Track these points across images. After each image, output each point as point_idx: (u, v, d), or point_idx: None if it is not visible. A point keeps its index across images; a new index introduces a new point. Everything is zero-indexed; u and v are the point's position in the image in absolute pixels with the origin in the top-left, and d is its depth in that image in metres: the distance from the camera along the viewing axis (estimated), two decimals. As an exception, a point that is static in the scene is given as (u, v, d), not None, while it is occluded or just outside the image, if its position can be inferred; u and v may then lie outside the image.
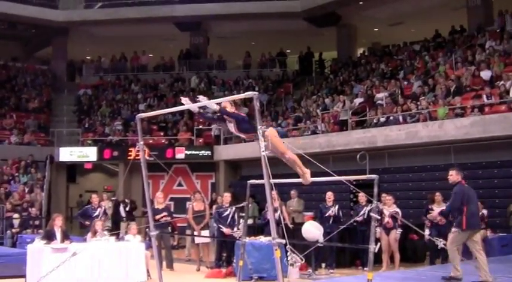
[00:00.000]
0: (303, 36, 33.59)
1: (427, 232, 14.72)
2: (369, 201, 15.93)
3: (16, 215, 23.14)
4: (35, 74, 35.83)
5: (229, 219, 15.71)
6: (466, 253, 11.72)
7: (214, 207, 17.96)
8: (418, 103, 21.38)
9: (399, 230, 15.38)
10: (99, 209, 16.51)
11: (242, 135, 9.08)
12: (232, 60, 36.43)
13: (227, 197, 16.54)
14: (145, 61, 36.67)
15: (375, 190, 10.02)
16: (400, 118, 21.46)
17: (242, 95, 9.00)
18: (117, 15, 33.54)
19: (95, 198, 16.99)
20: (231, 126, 9.06)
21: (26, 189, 25.76)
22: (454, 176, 11.42)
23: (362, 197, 16.10)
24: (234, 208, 16.02)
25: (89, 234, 14.76)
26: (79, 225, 24.94)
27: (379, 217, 12.30)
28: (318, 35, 33.64)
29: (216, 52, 35.76)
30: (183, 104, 9.39)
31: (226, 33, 35.18)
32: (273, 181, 8.57)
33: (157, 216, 16.00)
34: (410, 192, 20.26)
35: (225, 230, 15.50)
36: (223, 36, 35.47)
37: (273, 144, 9.00)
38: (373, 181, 10.03)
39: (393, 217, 15.27)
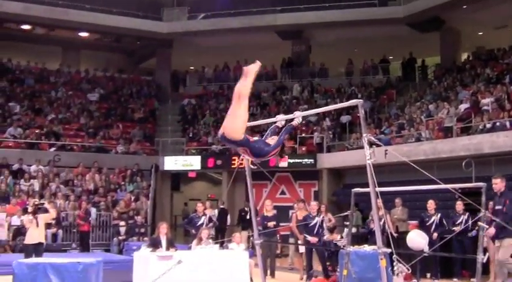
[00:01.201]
0: (405, 41, 33.11)
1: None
2: (467, 210, 15.63)
3: (122, 223, 23.73)
4: (140, 85, 36.65)
5: (316, 229, 15.61)
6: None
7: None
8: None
9: (508, 240, 14.96)
10: (203, 217, 16.74)
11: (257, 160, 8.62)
12: (334, 67, 36.26)
13: (314, 206, 16.43)
14: (248, 70, 36.89)
15: (483, 198, 9.82)
16: (507, 124, 20.94)
17: (347, 103, 8.97)
18: (220, 26, 33.94)
19: (199, 207, 17.26)
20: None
21: (132, 198, 26.37)
22: (499, 184, 11.08)
23: (460, 205, 15.75)
24: (322, 216, 15.96)
25: (194, 242, 14.96)
26: (183, 233, 25.41)
27: (487, 226, 12.02)
28: (420, 41, 33.09)
29: (318, 60, 35.70)
30: (285, 113, 9.33)
31: (327, 41, 35.06)
32: (378, 189, 8.49)
33: (269, 224, 16.11)
34: (520, 200, 19.69)
35: (311, 239, 15.43)
36: (324, 43, 35.36)
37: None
38: (480, 189, 9.82)
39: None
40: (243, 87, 8.05)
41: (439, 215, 15.73)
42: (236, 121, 7.86)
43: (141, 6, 35.49)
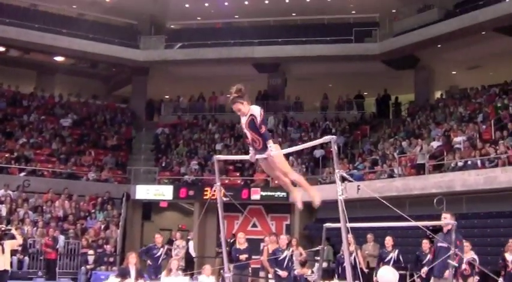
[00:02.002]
0: (380, 78, 33.41)
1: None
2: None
3: (91, 252, 23.45)
4: (114, 112, 36.48)
5: (285, 262, 15.49)
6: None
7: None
8: (497, 147, 20.96)
9: (476, 278, 14.98)
10: (161, 249, 16.52)
11: (248, 133, 8.73)
12: (309, 101, 36.38)
13: (284, 239, 16.29)
14: (223, 101, 36.88)
15: (453, 236, 9.83)
16: (479, 162, 21.10)
17: (320, 140, 8.92)
18: (197, 56, 33.96)
19: (158, 238, 16.98)
20: (243, 119, 8.69)
21: (102, 226, 26.11)
22: (448, 220, 11.09)
23: (426, 244, 15.72)
24: (291, 250, 15.86)
25: (164, 273, 14.81)
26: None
27: (456, 264, 12.00)
28: (395, 78, 33.41)
29: (293, 93, 35.83)
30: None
31: (304, 75, 35.24)
32: (349, 225, 8.45)
33: (241, 257, 15.98)
34: (488, 238, 19.80)
35: (281, 273, 15.32)
36: (301, 77, 35.54)
37: (278, 163, 8.64)
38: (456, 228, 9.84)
39: (470, 264, 14.88)
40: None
41: (396, 251, 15.78)
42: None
43: (118, 33, 35.57)
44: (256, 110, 8.44)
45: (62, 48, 33.14)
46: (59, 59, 36.13)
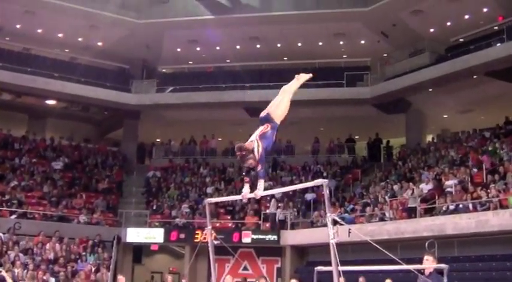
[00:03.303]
0: (371, 122, 33.57)
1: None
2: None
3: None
4: (105, 155, 36.49)
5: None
6: None
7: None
8: (489, 191, 21.01)
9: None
10: None
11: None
12: (300, 145, 36.44)
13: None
14: (214, 145, 37.03)
15: (445, 280, 9.79)
16: (470, 206, 21.14)
17: (312, 183, 9.01)
18: (188, 100, 34.08)
19: (120, 279, 16.88)
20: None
21: (93, 269, 25.94)
22: (430, 262, 11.05)
23: None
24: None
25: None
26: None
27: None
28: (386, 121, 33.56)
29: (284, 137, 35.87)
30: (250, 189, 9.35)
31: (295, 119, 35.08)
32: (341, 268, 8.46)
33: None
34: (480, 282, 19.75)
35: None
36: (292, 121, 35.41)
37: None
38: (443, 270, 9.81)
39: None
40: (290, 86, 10.26)
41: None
42: (281, 108, 9.86)
43: (110, 77, 35.76)
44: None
45: (54, 92, 33.28)
46: (51, 102, 36.17)
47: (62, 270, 25.30)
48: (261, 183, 8.71)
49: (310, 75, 10.09)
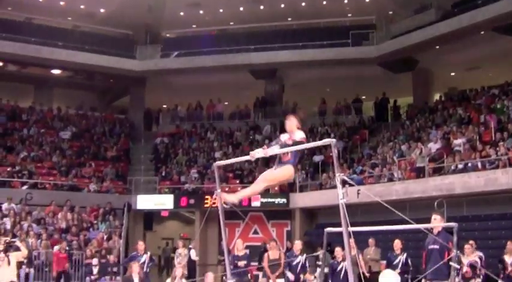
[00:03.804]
0: (378, 82, 33.32)
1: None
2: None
3: (95, 262, 23.41)
4: (113, 123, 36.52)
5: (299, 267, 15.56)
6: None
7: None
8: (497, 149, 20.92)
9: (478, 280, 14.94)
10: (144, 256, 16.60)
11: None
12: (307, 107, 36.33)
13: (298, 244, 16.40)
14: (221, 109, 36.96)
15: (454, 238, 9.79)
16: (479, 164, 21.03)
17: (319, 142, 8.97)
18: (193, 64, 33.95)
19: (140, 245, 17.11)
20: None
21: (105, 237, 26.10)
22: (438, 221, 11.05)
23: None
24: (304, 256, 15.89)
25: (168, 281, 14.85)
26: (157, 271, 25.11)
27: (458, 266, 11.97)
28: (393, 81, 33.33)
29: (291, 99, 35.77)
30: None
31: (301, 81, 35.20)
32: (351, 229, 8.45)
33: (240, 263, 16.01)
34: (490, 241, 19.73)
35: (290, 275, 15.34)
36: (298, 83, 35.48)
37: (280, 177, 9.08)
38: (452, 229, 9.80)
39: (472, 266, 14.85)
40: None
41: (405, 254, 15.71)
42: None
43: (114, 44, 35.56)
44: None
45: (58, 61, 33.18)
46: (56, 72, 36.09)
47: (74, 239, 25.53)
48: (275, 147, 8.71)
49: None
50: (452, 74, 33.72)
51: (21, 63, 34.13)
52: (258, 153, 8.78)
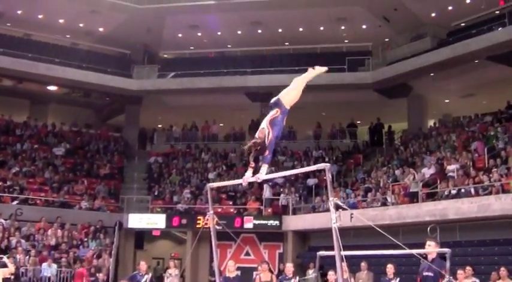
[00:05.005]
0: (373, 107, 33.48)
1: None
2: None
3: (84, 280, 23.29)
4: (107, 140, 36.46)
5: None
6: None
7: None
8: (491, 175, 20.98)
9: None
10: (146, 276, 16.59)
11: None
12: (302, 130, 36.41)
13: (289, 267, 16.35)
14: (216, 130, 37.00)
15: (447, 264, 9.80)
16: (472, 190, 21.09)
17: (314, 167, 8.97)
18: (190, 85, 34.02)
19: (142, 265, 17.11)
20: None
21: (95, 255, 25.99)
22: (433, 248, 11.07)
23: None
24: (297, 278, 15.83)
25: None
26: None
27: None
28: (388, 106, 33.48)
29: (286, 122, 35.55)
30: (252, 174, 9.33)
31: (296, 104, 34.87)
32: (343, 253, 8.44)
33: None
34: (482, 266, 19.66)
35: None
36: (293, 106, 35.36)
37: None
38: (445, 254, 9.80)
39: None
40: (303, 77, 10.44)
41: (398, 279, 15.64)
42: (292, 94, 10.32)
43: (112, 63, 35.67)
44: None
45: (55, 78, 33.18)
46: (52, 88, 36.15)
47: (63, 256, 25.41)
48: (264, 168, 8.75)
49: (326, 68, 10.46)
50: (447, 100, 33.88)
51: (17, 78, 34.15)
52: (251, 178, 8.84)
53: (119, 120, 39.50)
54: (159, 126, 39.28)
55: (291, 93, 10.16)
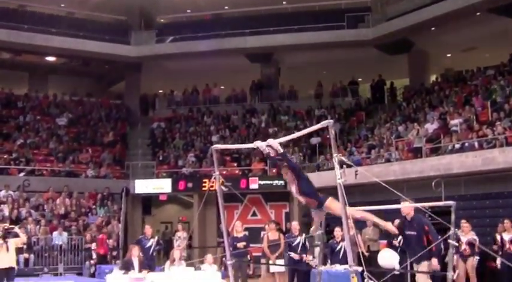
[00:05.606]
0: (374, 64, 33.25)
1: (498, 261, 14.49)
2: (438, 231, 15.58)
3: (94, 246, 23.51)
4: (109, 108, 36.46)
5: (299, 248, 15.66)
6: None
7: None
8: (494, 129, 20.97)
9: (476, 258, 15.08)
10: (151, 240, 16.72)
11: (301, 199, 8.89)
12: (303, 90, 36.35)
13: (295, 225, 16.49)
14: (217, 93, 36.95)
15: (452, 217, 9.86)
16: (476, 144, 21.09)
17: (317, 126, 8.96)
18: (189, 49, 33.86)
19: (147, 229, 17.22)
20: (292, 188, 8.95)
21: (104, 222, 26.19)
22: (407, 208, 11.15)
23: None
24: (304, 236, 15.97)
25: (167, 263, 14.95)
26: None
27: (456, 244, 12.05)
28: (389, 63, 33.28)
29: (287, 82, 35.80)
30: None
31: (297, 64, 35.12)
32: (349, 209, 8.51)
33: (239, 245, 16.12)
34: (487, 219, 19.83)
35: (294, 254, 15.42)
36: (294, 66, 35.43)
37: (333, 211, 8.84)
38: (450, 208, 9.86)
39: (470, 244, 14.97)
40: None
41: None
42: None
43: (109, 30, 35.41)
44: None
45: (53, 48, 33.07)
46: (51, 59, 36.04)
47: (73, 224, 25.65)
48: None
49: None
50: (449, 55, 33.71)
51: (15, 50, 34.02)
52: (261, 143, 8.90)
53: (120, 88, 39.44)
54: (160, 91, 39.20)
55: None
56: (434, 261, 11.56)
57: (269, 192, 28.05)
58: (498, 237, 15.82)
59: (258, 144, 9.03)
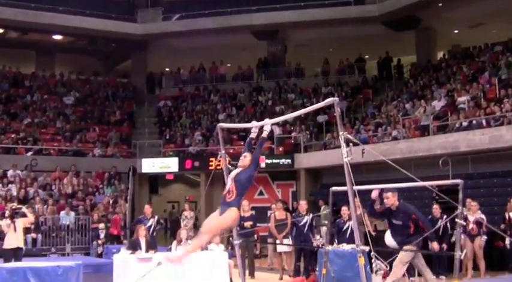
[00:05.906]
0: (381, 41, 33.10)
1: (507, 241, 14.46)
2: (444, 209, 15.52)
3: (102, 226, 23.56)
4: (116, 87, 36.47)
5: (306, 227, 15.67)
6: None
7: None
8: (502, 106, 20.85)
9: (484, 237, 15.06)
10: (151, 220, 16.71)
11: (231, 185, 8.83)
12: (310, 67, 36.24)
13: (303, 204, 16.48)
14: (224, 71, 36.88)
15: (460, 195, 9.81)
16: (484, 122, 20.98)
17: (323, 103, 8.92)
18: (195, 26, 33.77)
19: (147, 209, 17.20)
20: (238, 170, 9.11)
21: (111, 201, 26.24)
22: (391, 198, 11.08)
23: (436, 209, 15.67)
24: (311, 215, 15.97)
25: (174, 243, 14.96)
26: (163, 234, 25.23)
27: (464, 223, 12.01)
28: (396, 39, 33.12)
29: (293, 60, 35.70)
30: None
31: (303, 41, 35.00)
32: (356, 188, 8.49)
33: (246, 224, 16.14)
34: (495, 198, 19.74)
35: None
36: (300, 43, 35.32)
37: (220, 224, 8.96)
38: (457, 186, 9.82)
39: (478, 223, 14.94)
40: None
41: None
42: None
43: (115, 8, 35.33)
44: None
45: (59, 26, 33.04)
46: (57, 37, 35.94)
47: (80, 203, 25.70)
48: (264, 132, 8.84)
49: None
50: (456, 31, 33.48)
51: (21, 29, 33.92)
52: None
53: (126, 66, 39.43)
54: (167, 69, 39.10)
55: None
56: (434, 244, 11.59)
57: (276, 171, 28.00)
58: (506, 215, 15.77)
59: (255, 124, 9.06)
